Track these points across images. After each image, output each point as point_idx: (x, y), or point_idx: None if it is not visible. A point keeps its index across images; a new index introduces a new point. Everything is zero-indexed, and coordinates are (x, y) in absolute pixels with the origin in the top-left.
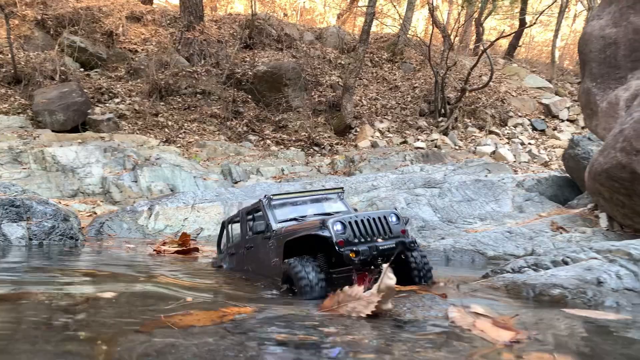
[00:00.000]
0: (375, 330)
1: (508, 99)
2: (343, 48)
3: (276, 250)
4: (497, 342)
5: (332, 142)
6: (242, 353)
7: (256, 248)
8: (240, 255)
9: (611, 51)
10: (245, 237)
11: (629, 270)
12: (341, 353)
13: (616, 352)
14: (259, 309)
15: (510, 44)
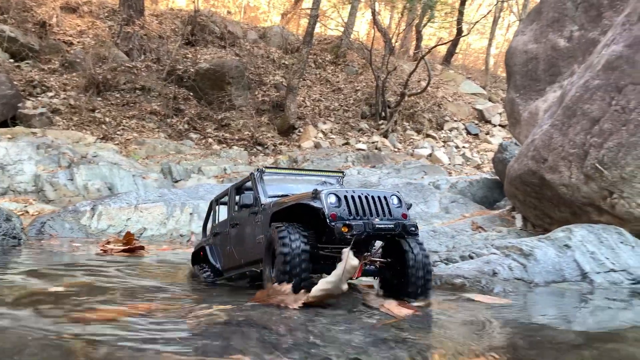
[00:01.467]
0: (303, 313)
1: (445, 104)
2: (287, 48)
3: (263, 226)
4: (399, 316)
5: (275, 142)
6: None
7: (242, 225)
8: (224, 235)
9: (532, 65)
10: (232, 213)
11: (519, 263)
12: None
13: (488, 320)
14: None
15: (448, 51)
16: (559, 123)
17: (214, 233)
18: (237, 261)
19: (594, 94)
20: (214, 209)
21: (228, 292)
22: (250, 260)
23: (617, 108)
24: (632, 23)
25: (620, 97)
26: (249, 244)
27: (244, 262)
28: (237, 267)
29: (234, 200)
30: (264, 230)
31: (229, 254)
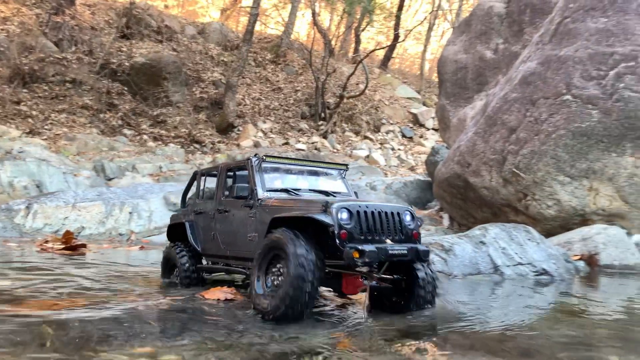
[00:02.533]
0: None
1: (382, 107)
2: (226, 45)
3: (257, 224)
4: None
5: (213, 140)
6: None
7: (231, 214)
8: (208, 217)
9: (462, 74)
10: (221, 197)
11: (440, 258)
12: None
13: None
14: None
15: (385, 55)
16: (481, 131)
17: (196, 210)
18: (222, 251)
19: (512, 105)
20: (199, 182)
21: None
22: (239, 256)
23: (531, 119)
24: (544, 43)
25: (534, 109)
26: (238, 238)
27: (230, 254)
28: (221, 257)
29: (224, 183)
30: (259, 228)
31: (212, 240)
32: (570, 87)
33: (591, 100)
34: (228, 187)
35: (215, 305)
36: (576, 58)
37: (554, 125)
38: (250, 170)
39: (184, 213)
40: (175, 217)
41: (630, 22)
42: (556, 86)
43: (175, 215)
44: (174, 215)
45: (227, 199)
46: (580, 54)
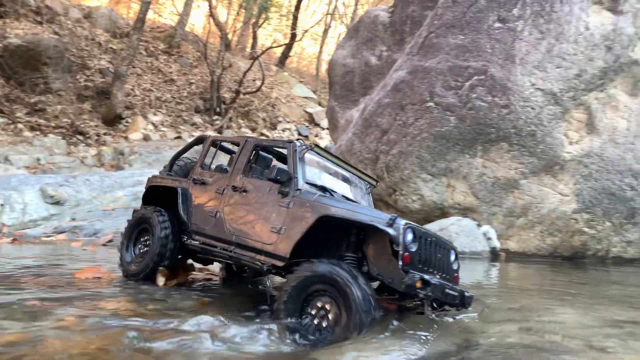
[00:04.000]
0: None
1: (278, 105)
2: (115, 32)
3: (290, 217)
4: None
5: (99, 131)
6: None
7: (251, 196)
8: (212, 191)
9: (349, 78)
10: (240, 175)
11: None
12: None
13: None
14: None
15: (283, 54)
16: (358, 132)
17: (196, 179)
18: (225, 234)
19: (385, 109)
20: (207, 150)
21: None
22: (249, 246)
23: (400, 122)
24: (413, 54)
25: (403, 113)
26: (256, 226)
27: (236, 240)
28: (220, 241)
29: (248, 159)
30: (292, 221)
31: (213, 219)
32: (433, 95)
33: (450, 108)
34: (254, 164)
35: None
36: (438, 69)
37: (418, 129)
38: (291, 155)
39: (173, 177)
40: (157, 179)
41: (482, 41)
42: (421, 94)
43: (158, 177)
44: (154, 177)
45: (250, 178)
46: (442, 66)
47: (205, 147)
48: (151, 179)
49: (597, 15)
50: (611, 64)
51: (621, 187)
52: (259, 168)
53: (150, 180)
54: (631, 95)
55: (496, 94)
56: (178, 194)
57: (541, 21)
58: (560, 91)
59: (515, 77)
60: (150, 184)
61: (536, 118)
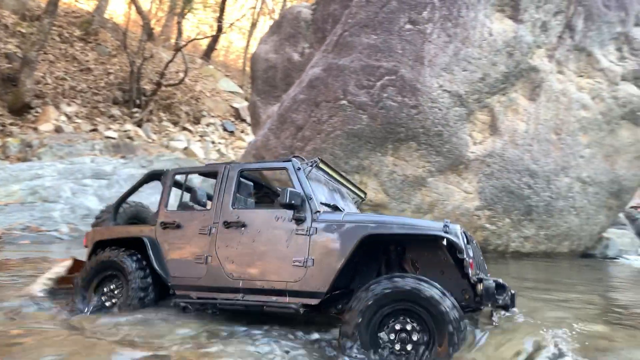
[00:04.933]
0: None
1: (203, 99)
2: (25, 14)
3: (322, 244)
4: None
5: (4, 121)
6: None
7: (253, 230)
8: (195, 234)
9: (272, 73)
10: (231, 205)
11: None
12: None
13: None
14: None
15: (209, 46)
16: (274, 127)
17: (166, 223)
18: (225, 281)
19: (300, 105)
20: (170, 186)
21: None
22: (266, 288)
23: (315, 119)
24: (328, 52)
25: (318, 110)
26: (270, 262)
27: (244, 285)
28: (217, 290)
29: (236, 186)
30: (318, 249)
31: (203, 266)
32: (346, 93)
33: (362, 106)
34: (240, 190)
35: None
36: (352, 68)
37: (332, 126)
38: (295, 175)
39: (124, 227)
40: (104, 232)
41: (393, 42)
42: (335, 91)
43: (103, 229)
44: (97, 230)
45: (244, 209)
46: (355, 65)
47: (168, 184)
48: (94, 233)
49: (499, 23)
50: (512, 69)
51: (519, 186)
52: (242, 197)
53: (94, 234)
54: (530, 99)
55: (406, 95)
56: (147, 246)
57: (449, 25)
58: (465, 93)
59: (424, 78)
60: (98, 239)
61: (443, 119)
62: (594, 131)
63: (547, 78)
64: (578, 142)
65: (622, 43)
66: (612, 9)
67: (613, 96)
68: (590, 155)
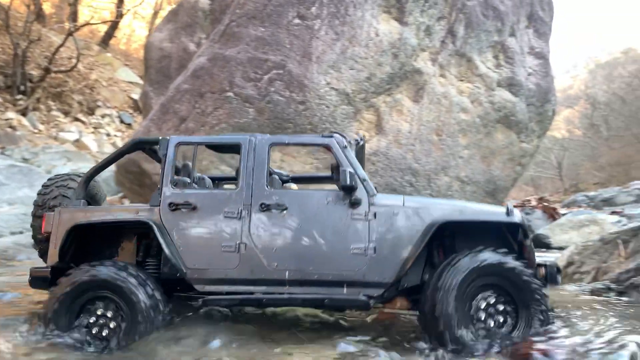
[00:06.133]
0: None
1: (98, 88)
2: None
3: (387, 230)
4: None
5: None
6: None
7: (306, 214)
8: (220, 217)
9: (166, 63)
10: (265, 184)
11: None
12: None
13: None
14: None
15: (107, 33)
16: (156, 118)
17: (176, 204)
18: (265, 272)
19: (183, 96)
20: (171, 158)
21: None
22: (320, 280)
23: (199, 111)
24: (215, 41)
25: (202, 101)
26: (325, 250)
27: (291, 277)
28: (253, 283)
29: (268, 163)
30: (382, 236)
31: (234, 254)
32: (233, 85)
33: (248, 100)
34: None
35: None
36: (238, 59)
37: (217, 119)
38: (340, 153)
39: (110, 208)
40: (82, 213)
41: (281, 35)
42: (221, 83)
43: (81, 209)
44: (71, 211)
45: (284, 189)
46: (242, 57)
47: (169, 155)
48: (66, 214)
49: (386, 24)
50: (397, 70)
51: (402, 184)
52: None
53: (67, 215)
54: (414, 101)
55: (293, 90)
56: (156, 233)
57: (336, 22)
58: (352, 92)
59: (311, 74)
60: (75, 223)
61: (330, 116)
62: (472, 133)
63: (430, 81)
64: (457, 144)
65: (498, 51)
66: (490, 18)
67: (490, 101)
68: (468, 156)
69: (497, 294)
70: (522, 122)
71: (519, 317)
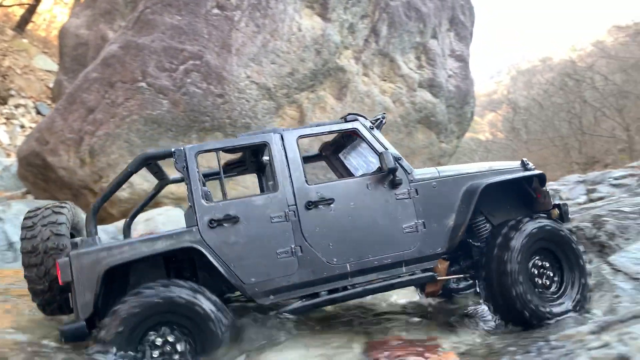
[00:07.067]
0: None
1: (12, 76)
2: None
3: (431, 204)
4: None
5: None
6: None
7: (351, 203)
8: (266, 224)
9: (82, 50)
10: (304, 182)
11: None
12: None
13: None
14: None
15: (23, 17)
16: (61, 108)
17: (218, 220)
18: (328, 269)
19: (92, 85)
20: (195, 170)
21: None
22: (381, 265)
23: (108, 101)
24: (128, 28)
25: (112, 91)
26: (378, 235)
27: (354, 268)
28: (315, 283)
29: (301, 158)
30: (428, 210)
31: (293, 258)
32: (146, 75)
33: (162, 91)
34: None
35: None
36: (152, 48)
37: (128, 110)
38: (368, 135)
39: (142, 239)
40: (115, 250)
41: (199, 25)
42: (133, 72)
43: (107, 247)
44: (94, 250)
45: (324, 184)
46: (156, 45)
47: (193, 168)
48: (90, 255)
49: (309, 19)
50: (320, 67)
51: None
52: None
53: (93, 258)
54: (337, 99)
55: (211, 82)
56: (207, 254)
57: (258, 15)
58: (274, 87)
59: (231, 67)
60: (109, 266)
61: (251, 111)
62: (394, 133)
63: (354, 79)
64: None
65: (420, 52)
66: (412, 19)
67: (411, 101)
68: None
69: (545, 258)
70: (442, 123)
71: (563, 281)
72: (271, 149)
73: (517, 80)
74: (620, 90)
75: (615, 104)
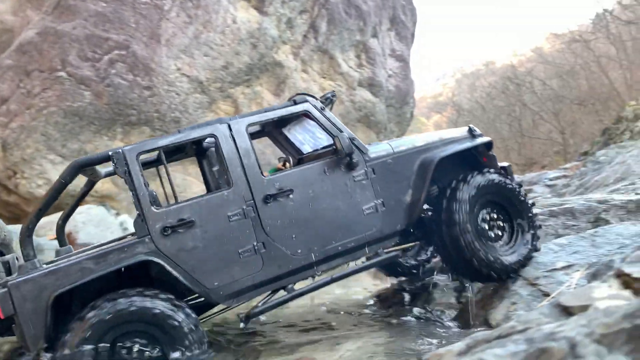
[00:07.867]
0: None
1: None
2: None
3: (390, 182)
4: None
5: None
6: None
7: (310, 191)
8: (223, 223)
9: (7, 37)
10: (260, 175)
11: None
12: None
13: None
14: None
15: None
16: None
17: (171, 227)
18: (291, 262)
19: (5, 73)
20: (139, 174)
21: None
22: (345, 250)
23: (24, 91)
24: (47, 13)
25: (28, 81)
26: (340, 219)
27: (318, 256)
28: (289, 274)
29: (252, 148)
30: (386, 188)
31: (254, 256)
32: (66, 64)
33: (84, 81)
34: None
35: None
36: (73, 36)
37: (46, 101)
38: (320, 116)
39: (87, 256)
40: (60, 275)
41: (126, 13)
42: (52, 60)
43: (48, 272)
44: (34, 277)
45: (276, 174)
46: (78, 33)
47: (136, 171)
48: (32, 283)
49: (244, 11)
50: (256, 61)
51: None
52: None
53: (34, 286)
54: (275, 94)
55: (138, 73)
56: (165, 268)
57: (189, 5)
58: (207, 80)
59: (160, 58)
60: (56, 292)
61: (181, 105)
62: None
63: (292, 75)
64: None
65: (360, 51)
66: (352, 17)
67: (351, 100)
68: None
69: (495, 210)
70: (382, 122)
71: (514, 231)
72: (219, 141)
73: (462, 83)
74: (556, 95)
75: (552, 107)
